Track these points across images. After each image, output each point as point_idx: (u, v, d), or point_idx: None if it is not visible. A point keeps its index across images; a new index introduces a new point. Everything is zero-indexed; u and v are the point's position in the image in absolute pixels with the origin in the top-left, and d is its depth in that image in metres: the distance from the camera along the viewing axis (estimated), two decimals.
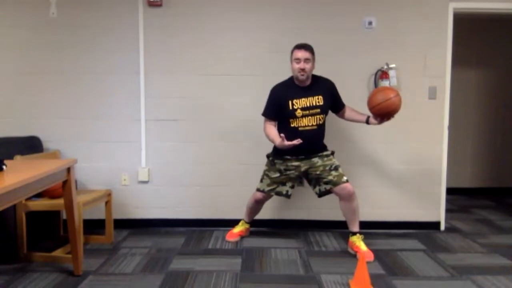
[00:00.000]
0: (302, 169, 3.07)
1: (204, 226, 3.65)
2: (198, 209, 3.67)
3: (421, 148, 3.62)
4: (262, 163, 3.58)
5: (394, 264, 2.86)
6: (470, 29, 4.93)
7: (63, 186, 2.57)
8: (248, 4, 3.55)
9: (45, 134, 3.55)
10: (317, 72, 3.60)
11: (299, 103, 2.98)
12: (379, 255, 3.01)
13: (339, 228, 3.61)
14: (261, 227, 3.62)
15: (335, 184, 2.98)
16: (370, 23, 3.54)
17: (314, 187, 3.12)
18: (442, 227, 3.67)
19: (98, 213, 3.41)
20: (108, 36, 3.55)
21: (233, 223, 3.50)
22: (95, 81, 3.57)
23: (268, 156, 3.19)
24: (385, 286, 2.50)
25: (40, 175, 2.16)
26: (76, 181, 3.04)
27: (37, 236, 3.19)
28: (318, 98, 3.00)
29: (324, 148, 3.14)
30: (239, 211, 3.57)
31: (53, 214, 3.33)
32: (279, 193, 3.15)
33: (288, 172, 3.09)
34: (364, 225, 3.61)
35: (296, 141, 2.78)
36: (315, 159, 3.05)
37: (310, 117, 2.99)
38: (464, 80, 5.02)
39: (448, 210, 3.89)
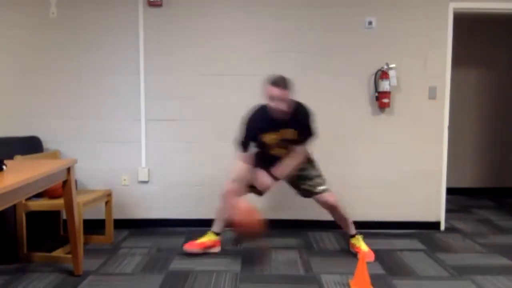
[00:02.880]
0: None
1: (204, 226, 3.63)
2: (198, 209, 3.67)
3: (421, 148, 3.62)
4: None
5: (394, 264, 2.86)
6: (470, 29, 4.93)
7: (63, 186, 2.57)
8: (248, 4, 3.55)
9: (45, 134, 3.55)
10: (317, 72, 3.61)
11: (271, 136, 2.87)
12: (379, 255, 3.01)
13: (339, 228, 3.60)
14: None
15: (311, 193, 2.97)
16: (370, 23, 3.54)
17: (295, 190, 3.09)
18: (442, 227, 3.67)
19: (98, 213, 3.41)
20: (108, 36, 3.55)
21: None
22: (95, 81, 3.57)
23: None
24: (385, 286, 2.50)
25: (40, 175, 2.16)
26: (76, 181, 3.04)
27: (37, 236, 3.19)
28: (290, 132, 2.85)
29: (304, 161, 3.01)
30: None
31: (53, 214, 3.33)
32: (248, 184, 2.99)
33: None
34: (364, 225, 3.62)
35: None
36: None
37: (282, 147, 2.91)
38: (464, 80, 5.02)
39: (448, 210, 3.89)
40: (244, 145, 2.93)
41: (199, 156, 3.63)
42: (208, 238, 3.07)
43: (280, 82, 2.76)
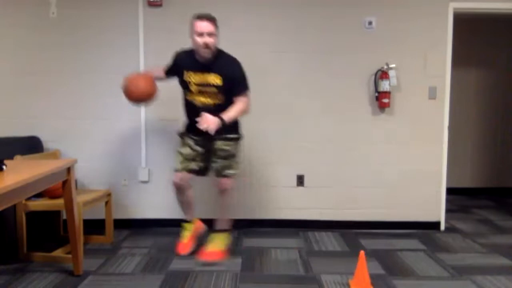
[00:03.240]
0: (209, 146, 2.90)
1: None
2: (198, 208, 3.66)
3: (421, 148, 3.62)
4: (262, 162, 3.60)
5: (394, 264, 2.86)
6: (470, 29, 4.93)
7: (63, 186, 2.57)
8: (248, 4, 3.55)
9: (45, 134, 3.54)
10: (317, 71, 3.61)
11: (194, 78, 2.77)
12: (379, 255, 3.01)
13: (339, 228, 3.61)
14: (261, 227, 3.62)
15: (218, 174, 2.89)
16: (370, 23, 3.54)
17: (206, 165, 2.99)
18: (442, 227, 3.67)
19: (98, 213, 3.41)
20: (108, 36, 3.55)
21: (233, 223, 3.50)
22: (95, 81, 3.57)
23: (179, 132, 3.03)
24: (385, 286, 2.50)
25: (40, 175, 2.16)
26: (76, 181, 3.04)
27: (37, 236, 3.19)
28: (215, 77, 2.74)
29: (231, 130, 2.85)
30: (238, 211, 3.58)
31: (53, 214, 3.33)
32: (191, 170, 2.92)
33: (196, 148, 2.91)
34: (364, 225, 3.63)
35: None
36: (218, 141, 2.85)
37: (206, 95, 2.78)
38: (464, 80, 5.02)
39: (448, 210, 3.89)
40: (167, 72, 2.96)
41: None
42: (189, 230, 3.08)
43: (210, 17, 2.68)
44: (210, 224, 3.18)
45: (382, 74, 3.50)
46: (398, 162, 3.63)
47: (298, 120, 3.61)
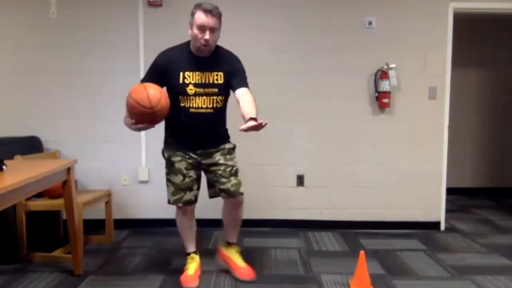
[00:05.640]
0: (203, 166, 2.53)
1: (204, 226, 3.63)
2: (198, 209, 3.65)
3: (421, 148, 3.62)
4: (262, 163, 3.60)
5: (394, 264, 2.86)
6: (470, 29, 4.92)
7: (63, 186, 2.57)
8: (248, 4, 3.55)
9: (45, 134, 3.54)
10: (317, 71, 3.61)
11: (192, 77, 2.35)
12: (379, 255, 3.01)
13: (339, 228, 3.61)
14: (261, 227, 3.62)
15: (232, 195, 2.47)
16: (370, 23, 3.54)
17: (209, 187, 2.58)
18: (442, 227, 3.67)
19: (98, 213, 3.41)
20: (108, 36, 3.55)
21: None
22: (95, 81, 3.57)
23: (163, 153, 2.61)
24: (385, 286, 2.50)
25: (40, 175, 2.16)
26: (76, 181, 3.04)
27: (37, 236, 3.19)
28: (217, 75, 2.38)
29: (226, 138, 2.58)
30: None
31: (53, 214, 3.33)
32: (188, 202, 2.54)
33: (191, 173, 2.50)
34: (364, 225, 3.63)
35: (143, 125, 2.28)
36: (216, 155, 2.49)
37: (205, 97, 2.38)
38: (464, 80, 5.01)
39: (448, 210, 3.88)
40: (150, 81, 2.42)
41: None
42: (196, 261, 2.64)
43: (214, 11, 2.26)
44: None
45: (382, 74, 3.50)
46: (398, 162, 3.63)
47: (298, 120, 3.61)
